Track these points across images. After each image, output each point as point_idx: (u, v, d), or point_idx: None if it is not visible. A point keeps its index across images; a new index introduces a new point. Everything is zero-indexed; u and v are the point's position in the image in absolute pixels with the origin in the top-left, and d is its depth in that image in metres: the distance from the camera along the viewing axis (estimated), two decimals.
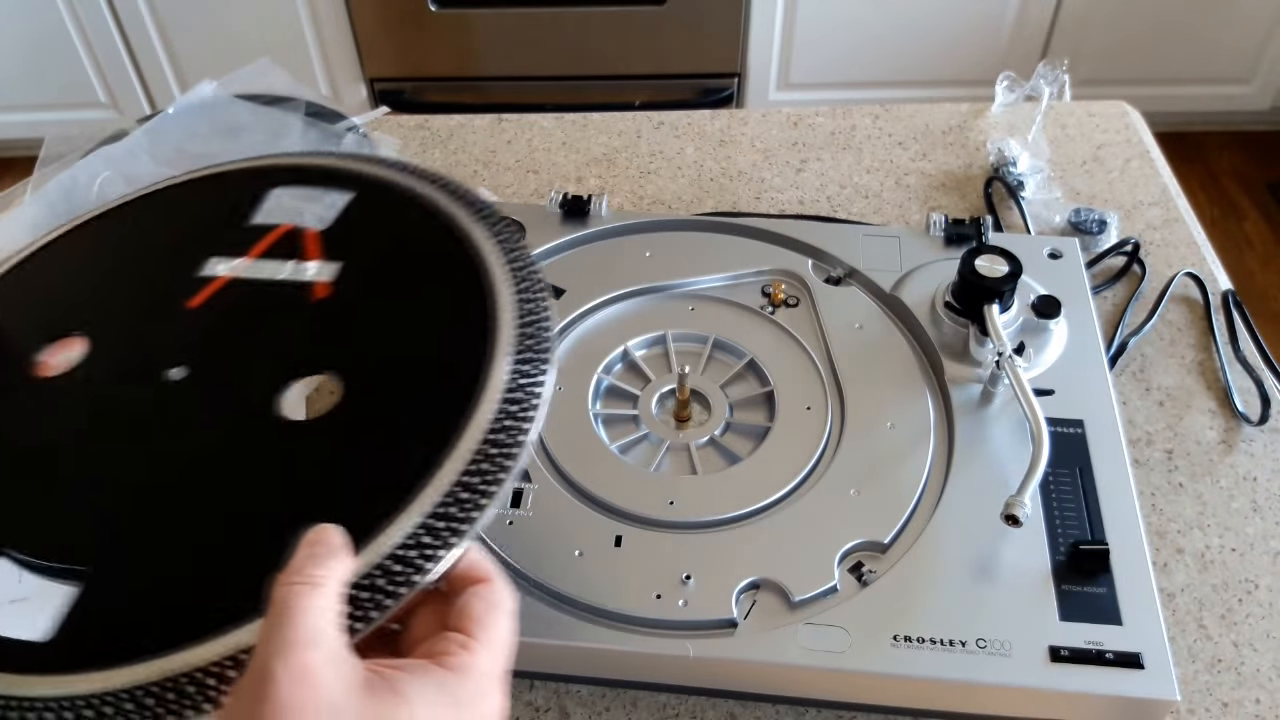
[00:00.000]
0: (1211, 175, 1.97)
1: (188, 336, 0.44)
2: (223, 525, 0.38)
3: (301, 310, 0.45)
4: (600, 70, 1.73)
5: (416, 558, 0.35)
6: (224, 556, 0.37)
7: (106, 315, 0.47)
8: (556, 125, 0.88)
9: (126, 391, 0.43)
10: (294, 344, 0.44)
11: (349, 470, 0.39)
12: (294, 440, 0.40)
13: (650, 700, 0.53)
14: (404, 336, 0.43)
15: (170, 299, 0.46)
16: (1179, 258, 0.74)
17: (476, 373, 0.40)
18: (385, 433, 0.39)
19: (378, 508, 0.36)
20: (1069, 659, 0.47)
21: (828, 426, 0.56)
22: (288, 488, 0.39)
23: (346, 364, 0.42)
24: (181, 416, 0.42)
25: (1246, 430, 0.63)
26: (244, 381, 0.42)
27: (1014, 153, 0.80)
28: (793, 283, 0.64)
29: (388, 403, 0.41)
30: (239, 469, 0.40)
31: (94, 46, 1.75)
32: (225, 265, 0.47)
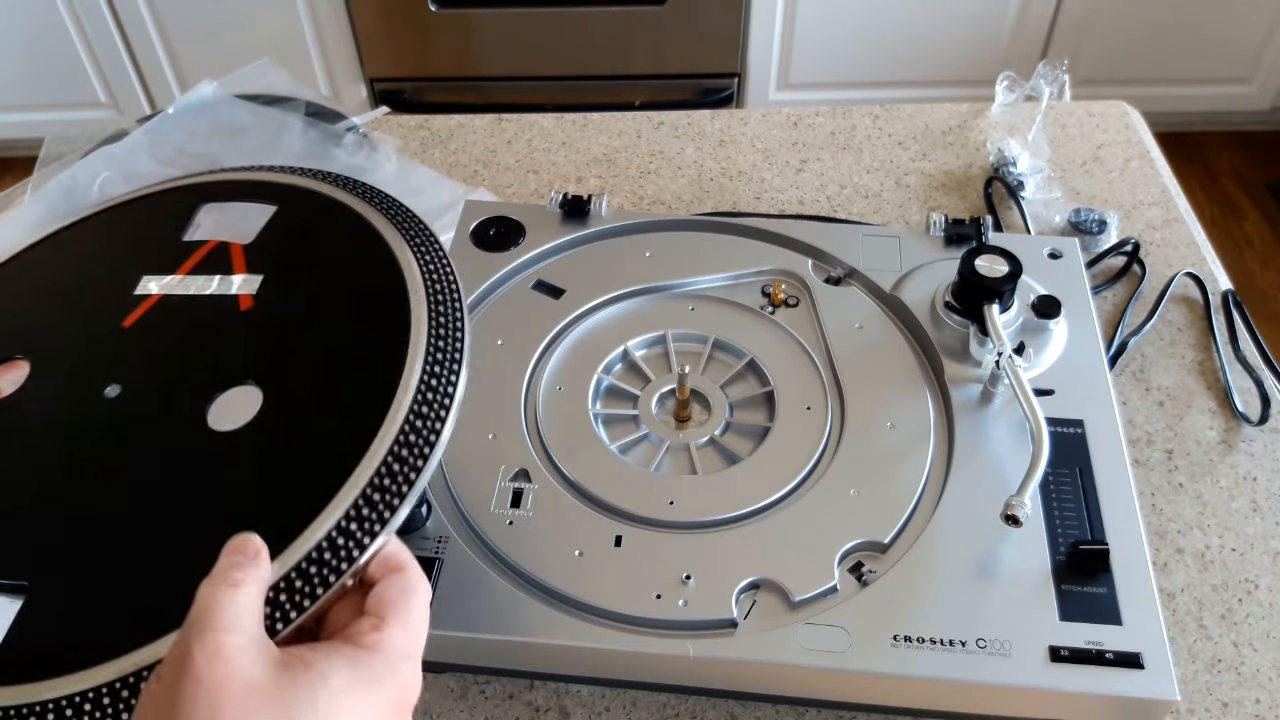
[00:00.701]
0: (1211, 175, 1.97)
1: (123, 355, 0.46)
2: (157, 535, 0.40)
3: (228, 323, 0.47)
4: (600, 70, 1.73)
5: (332, 559, 0.37)
6: (158, 565, 0.39)
7: (47, 338, 0.49)
8: (556, 125, 0.88)
9: (66, 411, 0.45)
10: (220, 356, 0.45)
11: (271, 477, 0.40)
12: (221, 450, 0.42)
13: (650, 700, 0.53)
14: (322, 344, 0.45)
15: (107, 319, 0.48)
16: (1179, 258, 0.74)
17: (390, 378, 0.41)
18: (304, 439, 0.41)
19: (297, 512, 0.38)
20: (1069, 659, 0.47)
21: (828, 426, 0.56)
22: (215, 496, 0.40)
23: (268, 374, 0.44)
24: (117, 433, 0.43)
25: (1246, 430, 0.63)
26: (174, 396, 0.44)
27: (1014, 153, 0.80)
28: (793, 283, 0.64)
29: (307, 409, 0.42)
30: (171, 480, 0.41)
31: (94, 46, 1.75)
32: (157, 283, 0.49)
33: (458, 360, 0.43)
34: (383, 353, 0.42)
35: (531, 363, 0.60)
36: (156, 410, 0.44)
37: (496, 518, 0.53)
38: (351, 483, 0.38)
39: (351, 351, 0.44)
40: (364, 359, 0.43)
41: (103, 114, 1.84)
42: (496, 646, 0.49)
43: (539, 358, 0.60)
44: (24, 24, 1.73)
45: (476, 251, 0.66)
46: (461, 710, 0.53)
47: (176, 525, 0.40)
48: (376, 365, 0.42)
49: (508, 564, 0.51)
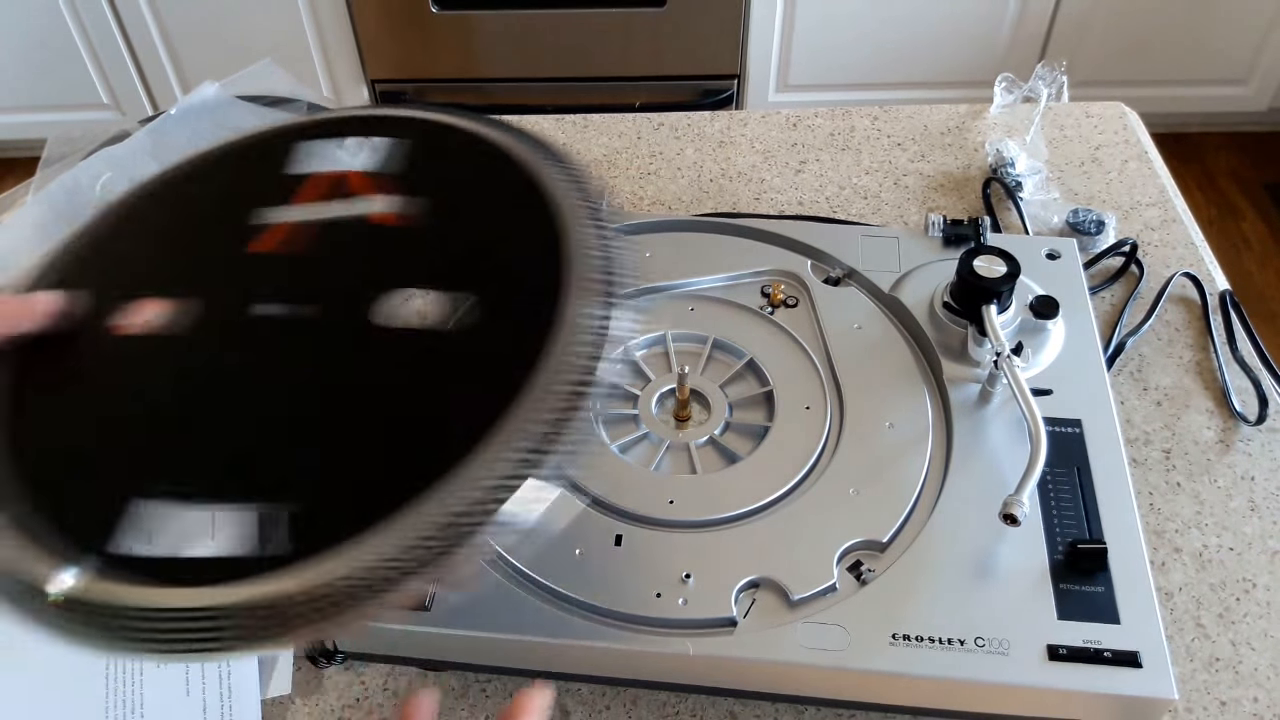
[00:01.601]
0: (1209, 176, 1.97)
1: (262, 277, 0.45)
2: (340, 441, 0.39)
3: (372, 238, 0.45)
4: (600, 72, 1.73)
5: (499, 491, 0.36)
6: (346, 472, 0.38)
7: (176, 277, 0.47)
8: (557, 126, 0.88)
9: (222, 333, 0.44)
10: (374, 266, 0.44)
11: (444, 390, 0.39)
12: (394, 353, 0.41)
13: (650, 699, 0.53)
14: (480, 264, 0.43)
15: (234, 251, 0.47)
16: (1177, 258, 0.75)
17: (552, 306, 0.40)
18: (474, 356, 0.40)
19: (467, 437, 0.36)
20: (1067, 658, 0.47)
21: (827, 426, 0.57)
22: (394, 398, 0.40)
23: (434, 282, 0.42)
24: (284, 342, 0.43)
25: (1244, 430, 0.64)
26: (337, 301, 0.43)
27: (1012, 154, 0.80)
28: (792, 283, 0.65)
29: (475, 325, 0.41)
30: (340, 390, 0.40)
31: (96, 48, 1.76)
32: (276, 213, 0.48)
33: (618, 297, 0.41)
34: (544, 277, 0.41)
35: None
36: (322, 316, 0.43)
37: None
38: (522, 410, 0.37)
39: (510, 270, 0.42)
40: (522, 279, 0.41)
41: (105, 115, 1.85)
42: (497, 645, 0.49)
43: None
44: (26, 25, 1.73)
45: None
46: (463, 709, 0.53)
47: (346, 430, 0.39)
48: (539, 291, 0.40)
49: (508, 563, 0.51)
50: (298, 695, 0.54)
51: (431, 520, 0.35)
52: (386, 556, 0.34)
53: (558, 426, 0.37)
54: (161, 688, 0.53)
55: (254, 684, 0.53)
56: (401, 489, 0.36)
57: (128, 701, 0.53)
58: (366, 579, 0.34)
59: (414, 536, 0.35)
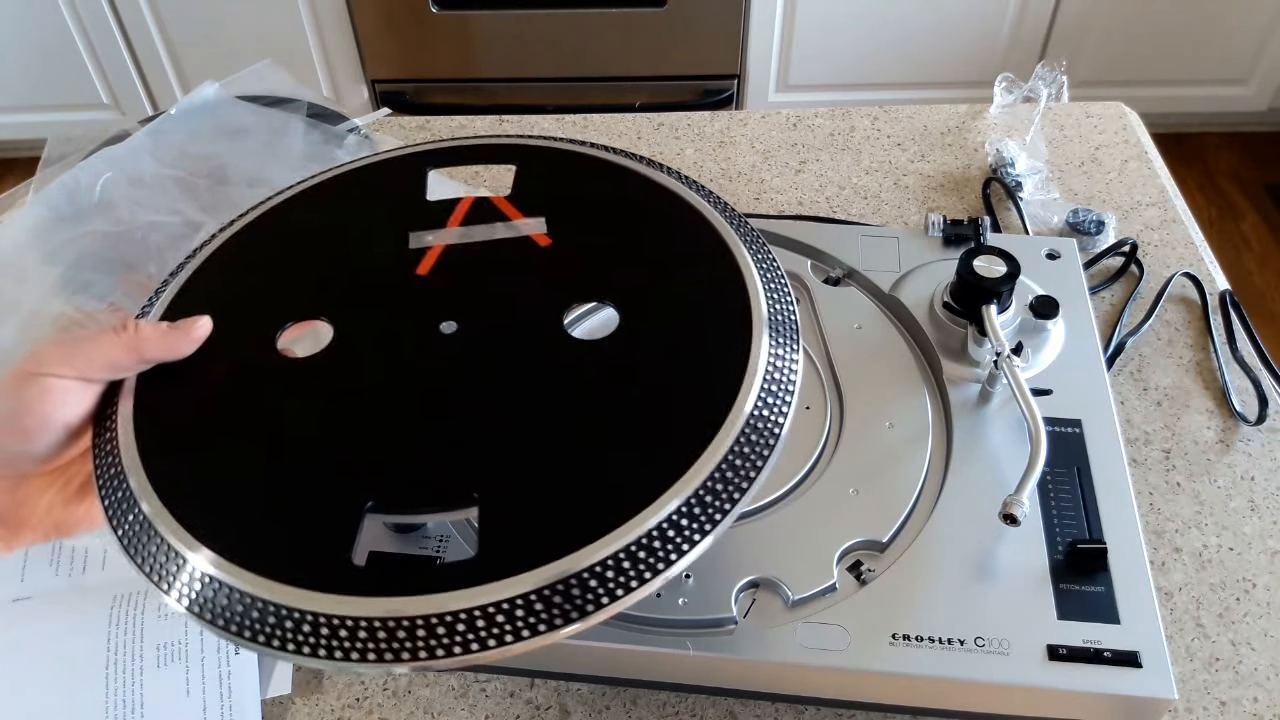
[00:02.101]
0: (1209, 176, 1.97)
1: (436, 297, 0.45)
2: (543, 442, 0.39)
3: (534, 259, 0.46)
4: (601, 72, 1.73)
5: (676, 537, 0.36)
6: (559, 470, 0.38)
7: (338, 295, 0.47)
8: (557, 126, 0.88)
9: (409, 352, 0.44)
10: (549, 283, 0.44)
11: (634, 432, 0.39)
12: (585, 359, 0.41)
13: (650, 698, 0.53)
14: (656, 284, 0.44)
15: (392, 272, 0.47)
16: (1177, 258, 0.75)
17: (742, 347, 0.40)
18: (659, 378, 0.40)
19: (648, 483, 0.37)
20: (1067, 657, 0.47)
21: (826, 426, 0.57)
22: (576, 412, 0.40)
23: (614, 296, 0.43)
24: (473, 357, 0.43)
25: (1244, 430, 0.64)
26: (521, 318, 0.43)
27: (1012, 154, 0.80)
28: (792, 283, 0.65)
29: (657, 344, 0.41)
30: (536, 409, 0.41)
31: (96, 48, 1.76)
32: (432, 236, 0.48)
33: (796, 340, 0.41)
34: (718, 311, 0.41)
35: None
36: (506, 332, 0.43)
37: None
38: (705, 460, 0.37)
39: (688, 299, 0.43)
40: (714, 307, 0.42)
41: (105, 115, 1.85)
42: None
43: None
44: (26, 25, 1.73)
45: None
46: (462, 708, 0.53)
47: (543, 451, 0.39)
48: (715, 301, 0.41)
49: None
50: (298, 695, 0.54)
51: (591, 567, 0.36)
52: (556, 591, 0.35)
53: (741, 483, 0.37)
54: (161, 688, 0.53)
55: (254, 684, 0.53)
56: (583, 527, 0.36)
57: (128, 701, 0.53)
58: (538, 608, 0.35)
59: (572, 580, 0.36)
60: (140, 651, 0.54)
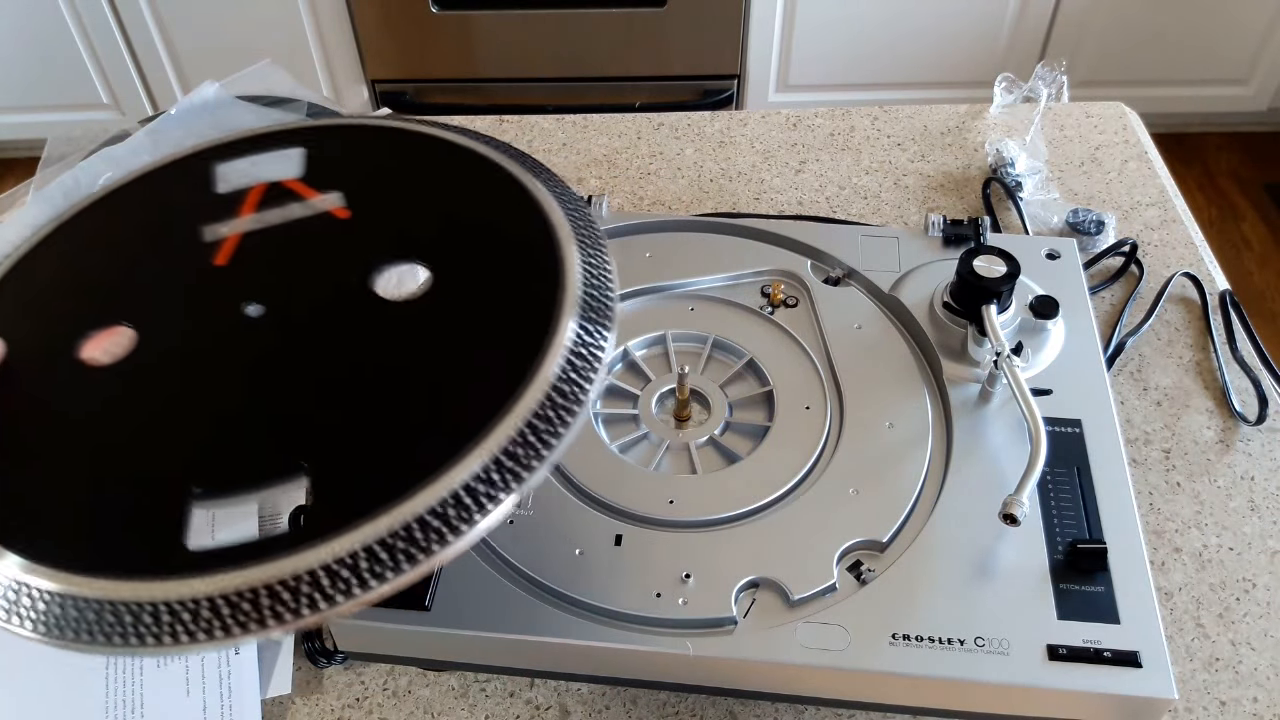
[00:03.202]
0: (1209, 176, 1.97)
1: (237, 284, 0.45)
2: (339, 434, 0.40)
3: (335, 231, 0.45)
4: (601, 72, 1.73)
5: (472, 502, 0.36)
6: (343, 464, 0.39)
7: (136, 298, 0.47)
8: (557, 126, 0.88)
9: (215, 341, 0.44)
10: (348, 252, 0.44)
11: (435, 364, 0.40)
12: (377, 332, 0.41)
13: (650, 698, 0.53)
14: (463, 242, 0.43)
15: (190, 267, 0.46)
16: (1177, 258, 0.75)
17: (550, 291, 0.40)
18: (467, 339, 0.40)
19: (446, 445, 0.37)
20: (1067, 657, 0.47)
21: (826, 426, 0.57)
22: (397, 368, 0.40)
23: (422, 254, 0.43)
24: (281, 334, 0.43)
25: (1244, 430, 0.64)
26: (325, 289, 0.43)
27: (1012, 154, 0.80)
28: (792, 283, 0.65)
29: (466, 304, 0.41)
30: (337, 383, 0.41)
31: (96, 47, 1.76)
32: (226, 226, 0.47)
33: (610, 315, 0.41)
34: (526, 265, 0.41)
35: None
36: (305, 314, 0.43)
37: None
38: (506, 423, 0.37)
39: (487, 259, 0.42)
40: (515, 263, 0.42)
41: (105, 115, 1.85)
42: (497, 645, 0.50)
43: None
44: (26, 25, 1.73)
45: None
46: (462, 708, 0.53)
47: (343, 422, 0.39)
48: (528, 270, 0.41)
49: (508, 563, 0.51)
50: (298, 695, 0.54)
51: (398, 523, 0.36)
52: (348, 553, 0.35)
53: (541, 445, 0.37)
54: (161, 688, 0.53)
55: (254, 684, 0.53)
56: (383, 491, 0.36)
57: (128, 701, 0.53)
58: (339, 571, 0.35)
59: (382, 536, 0.36)
60: None
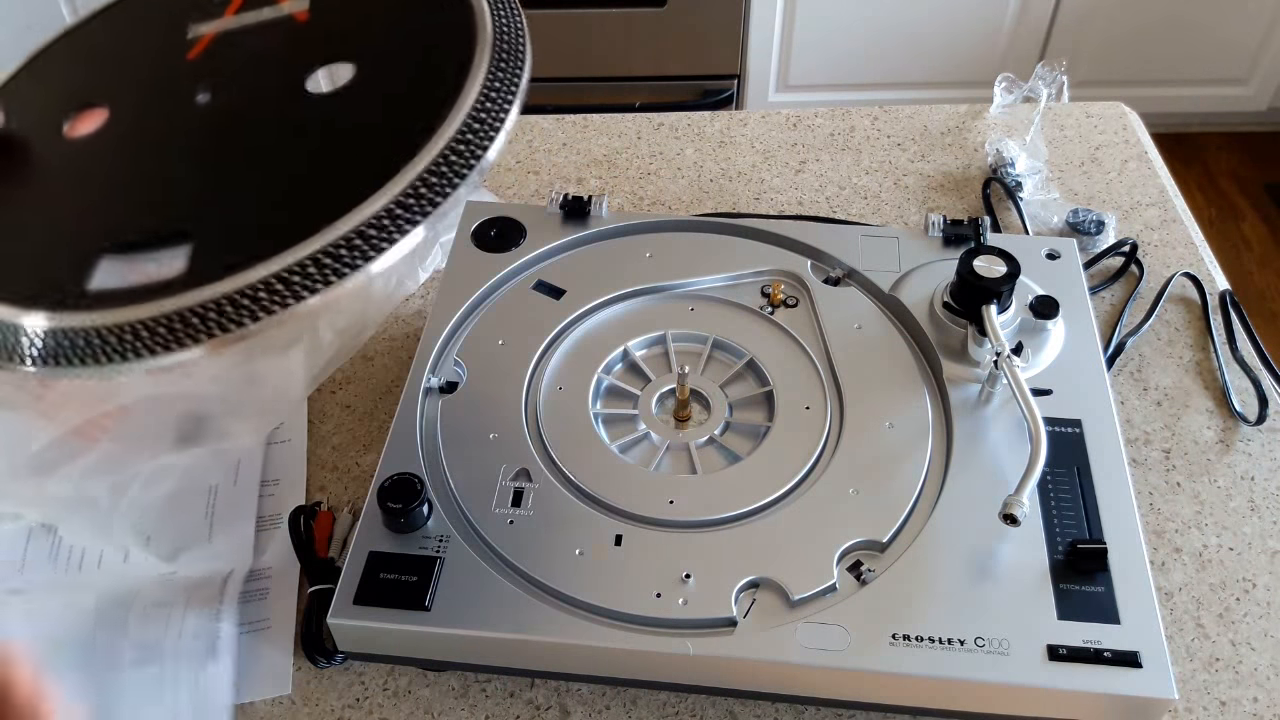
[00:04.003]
0: (1209, 176, 1.97)
1: (199, 76, 0.50)
2: (256, 188, 0.44)
3: (290, 34, 0.50)
4: (601, 72, 1.73)
5: (376, 236, 0.40)
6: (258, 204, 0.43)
7: (119, 86, 0.52)
8: (557, 126, 0.88)
9: (162, 121, 0.49)
10: (293, 52, 0.49)
11: (345, 145, 0.44)
12: (312, 112, 0.45)
13: (650, 698, 0.53)
14: (384, 49, 0.48)
15: (169, 61, 0.52)
16: (1177, 258, 0.75)
17: (455, 82, 0.44)
18: (370, 121, 0.44)
19: (355, 189, 0.40)
20: (1067, 658, 0.47)
21: (827, 426, 0.57)
22: (305, 149, 0.44)
23: (354, 56, 0.47)
24: (216, 119, 0.47)
25: (1244, 430, 0.64)
26: (257, 86, 0.48)
27: (1012, 154, 0.80)
28: (792, 283, 0.65)
29: (384, 88, 0.46)
30: (263, 145, 0.45)
31: None
32: (206, 26, 0.53)
33: (516, 85, 0.45)
34: (446, 60, 0.45)
35: (532, 363, 0.60)
36: (245, 96, 0.48)
37: (497, 517, 0.53)
38: (404, 174, 0.40)
39: (411, 54, 0.47)
40: (426, 62, 0.46)
41: None
42: (497, 645, 0.50)
43: (540, 358, 0.61)
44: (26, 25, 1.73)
45: (477, 252, 0.66)
46: (463, 708, 0.53)
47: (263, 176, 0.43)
48: (440, 70, 0.44)
49: (508, 563, 0.51)
50: (298, 695, 0.54)
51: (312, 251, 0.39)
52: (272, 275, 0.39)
53: (438, 190, 0.41)
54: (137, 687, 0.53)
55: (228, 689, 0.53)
56: (293, 228, 0.40)
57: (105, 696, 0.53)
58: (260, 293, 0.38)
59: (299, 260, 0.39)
60: (121, 649, 0.54)
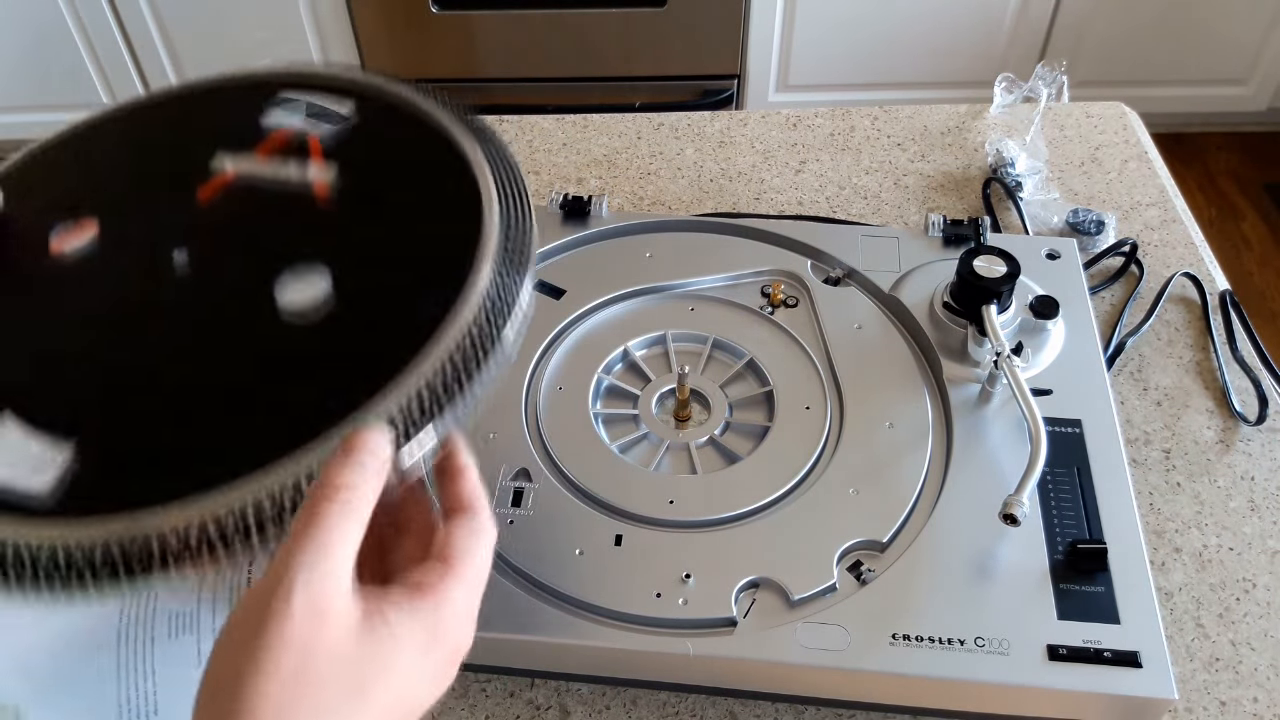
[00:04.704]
0: (1209, 176, 1.97)
1: (194, 226, 0.47)
2: (214, 398, 0.40)
3: (303, 208, 0.47)
4: (601, 72, 1.73)
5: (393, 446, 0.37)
6: (211, 428, 0.39)
7: (120, 203, 0.49)
8: (557, 126, 0.88)
9: (134, 273, 0.45)
10: (292, 237, 0.46)
11: (334, 356, 0.40)
12: (284, 326, 0.42)
13: (650, 698, 0.53)
14: (395, 237, 0.45)
15: (181, 191, 0.49)
16: (1177, 258, 0.75)
17: (460, 276, 0.41)
18: (369, 326, 0.41)
19: (356, 395, 0.37)
20: (1067, 658, 0.47)
21: (827, 426, 0.57)
22: (276, 368, 0.40)
23: (340, 258, 0.44)
24: (182, 298, 0.44)
25: (1244, 430, 0.64)
26: (242, 267, 0.45)
27: (1012, 154, 0.80)
28: (792, 283, 0.65)
29: (375, 298, 0.42)
30: (233, 348, 0.41)
31: (95, 46, 1.76)
32: (233, 161, 0.49)
33: (524, 268, 0.43)
34: (455, 253, 0.43)
35: (532, 363, 0.60)
36: (222, 279, 0.44)
37: (497, 516, 0.53)
38: (416, 371, 0.38)
39: (424, 248, 0.44)
40: (437, 256, 0.43)
41: None
42: (497, 645, 0.49)
43: (539, 358, 0.61)
44: (25, 24, 1.73)
45: None
46: (463, 708, 0.53)
47: (233, 390, 0.40)
48: (447, 264, 0.42)
49: (508, 563, 0.51)
50: None
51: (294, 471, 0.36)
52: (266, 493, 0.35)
53: (454, 389, 0.38)
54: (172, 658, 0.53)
55: None
56: (288, 436, 0.36)
57: (140, 669, 0.53)
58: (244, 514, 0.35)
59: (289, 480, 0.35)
60: (152, 621, 0.54)
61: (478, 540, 0.36)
